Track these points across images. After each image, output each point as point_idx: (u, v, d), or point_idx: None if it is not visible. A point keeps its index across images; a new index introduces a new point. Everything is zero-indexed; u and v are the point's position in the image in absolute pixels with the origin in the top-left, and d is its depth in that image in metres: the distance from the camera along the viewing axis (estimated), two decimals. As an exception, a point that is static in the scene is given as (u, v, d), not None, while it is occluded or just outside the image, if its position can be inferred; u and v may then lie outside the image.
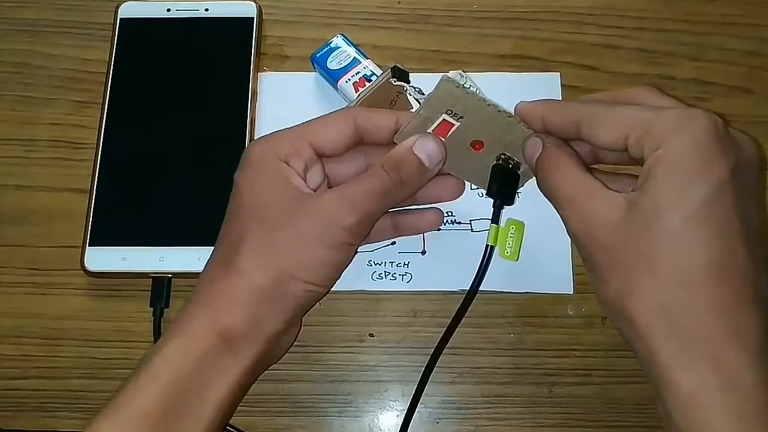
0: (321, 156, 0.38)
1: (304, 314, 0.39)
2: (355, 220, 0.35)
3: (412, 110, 0.43)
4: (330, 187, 0.40)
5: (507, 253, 0.39)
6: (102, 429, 0.33)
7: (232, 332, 0.35)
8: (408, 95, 0.43)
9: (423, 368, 0.40)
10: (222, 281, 0.36)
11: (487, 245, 0.38)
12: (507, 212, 0.39)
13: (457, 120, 0.36)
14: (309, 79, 0.48)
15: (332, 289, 0.38)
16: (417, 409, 0.41)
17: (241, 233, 0.36)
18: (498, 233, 0.38)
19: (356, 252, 0.38)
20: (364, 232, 0.37)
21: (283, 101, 0.47)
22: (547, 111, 0.36)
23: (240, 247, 0.35)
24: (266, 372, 0.39)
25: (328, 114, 0.39)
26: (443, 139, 0.37)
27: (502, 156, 0.38)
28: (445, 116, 0.36)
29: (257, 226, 0.36)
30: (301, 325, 0.40)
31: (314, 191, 0.38)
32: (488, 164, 0.38)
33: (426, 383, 0.40)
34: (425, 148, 0.36)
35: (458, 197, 0.42)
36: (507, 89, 0.45)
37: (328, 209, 0.35)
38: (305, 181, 0.37)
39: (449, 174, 0.40)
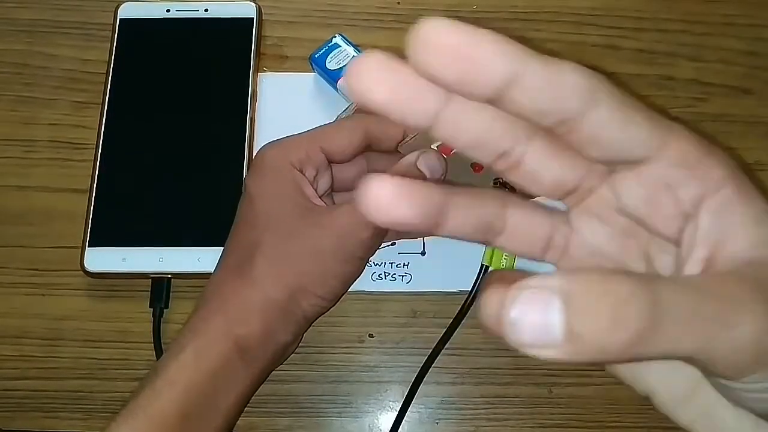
0: (331, 162, 0.39)
1: (309, 327, 0.39)
2: (370, 234, 0.36)
3: None
4: (333, 189, 0.40)
5: None
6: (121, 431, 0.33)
7: (246, 342, 0.35)
8: None
9: (418, 371, 0.40)
10: (235, 289, 0.36)
11: (481, 265, 0.39)
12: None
13: None
14: (309, 79, 0.48)
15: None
16: (417, 409, 0.41)
17: (255, 242, 0.36)
18: (493, 254, 0.39)
19: (364, 268, 0.38)
20: (376, 246, 0.38)
21: (283, 102, 0.47)
22: None
23: (254, 256, 0.36)
24: (266, 372, 0.39)
25: (340, 120, 0.40)
26: (446, 156, 0.37)
27: (499, 180, 0.38)
28: None
29: (271, 237, 0.36)
30: (302, 335, 0.40)
31: (323, 196, 0.38)
32: (487, 186, 0.39)
33: (417, 389, 0.41)
34: (428, 163, 0.37)
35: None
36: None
37: (343, 223, 0.36)
38: (316, 188, 0.38)
39: None
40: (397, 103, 0.18)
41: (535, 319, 0.16)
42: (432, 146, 0.37)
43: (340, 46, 0.47)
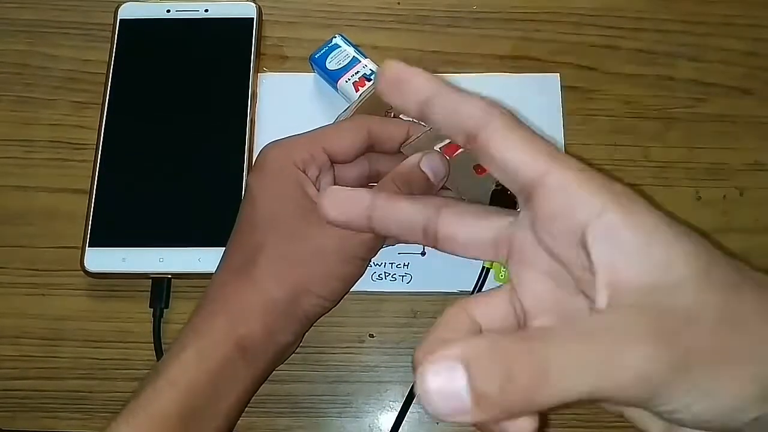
0: (333, 162, 0.39)
1: (310, 327, 0.39)
2: (372, 235, 0.36)
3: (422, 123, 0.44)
4: None
5: (501, 276, 0.40)
6: (122, 431, 0.33)
7: (248, 342, 0.35)
8: None
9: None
10: (238, 289, 0.36)
11: (483, 267, 0.39)
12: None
13: None
14: (309, 79, 0.48)
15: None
16: (417, 409, 0.41)
17: (258, 243, 0.36)
18: None
19: (366, 269, 0.38)
20: (378, 247, 0.38)
21: (283, 102, 0.47)
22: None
23: (257, 257, 0.36)
24: (266, 372, 0.39)
25: (343, 121, 0.40)
26: (449, 158, 0.37)
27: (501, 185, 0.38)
28: None
29: (274, 237, 0.36)
30: (303, 335, 0.40)
31: None
32: (488, 188, 0.39)
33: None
34: (431, 165, 0.37)
35: None
36: (506, 90, 0.44)
37: None
38: (318, 188, 0.38)
39: None
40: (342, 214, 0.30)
41: (446, 387, 0.18)
42: (435, 148, 0.37)
43: (340, 46, 0.47)
